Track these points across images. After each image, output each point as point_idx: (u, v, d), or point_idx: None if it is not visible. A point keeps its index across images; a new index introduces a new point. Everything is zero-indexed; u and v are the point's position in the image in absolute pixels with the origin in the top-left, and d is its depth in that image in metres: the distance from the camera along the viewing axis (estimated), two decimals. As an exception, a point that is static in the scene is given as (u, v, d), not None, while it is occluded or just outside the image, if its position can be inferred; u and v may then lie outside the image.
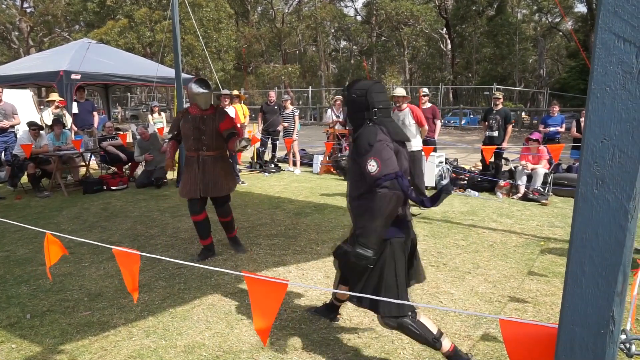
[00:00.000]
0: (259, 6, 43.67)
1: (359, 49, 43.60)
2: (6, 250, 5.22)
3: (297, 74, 37.23)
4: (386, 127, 2.64)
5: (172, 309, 3.69)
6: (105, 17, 33.48)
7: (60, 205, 7.46)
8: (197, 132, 4.62)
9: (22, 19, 38.38)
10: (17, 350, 3.13)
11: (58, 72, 9.64)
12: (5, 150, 8.77)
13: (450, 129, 24.27)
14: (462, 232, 5.71)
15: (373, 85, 2.73)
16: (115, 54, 12.44)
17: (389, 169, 2.46)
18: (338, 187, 8.68)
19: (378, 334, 3.25)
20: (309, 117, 31.66)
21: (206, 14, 30.45)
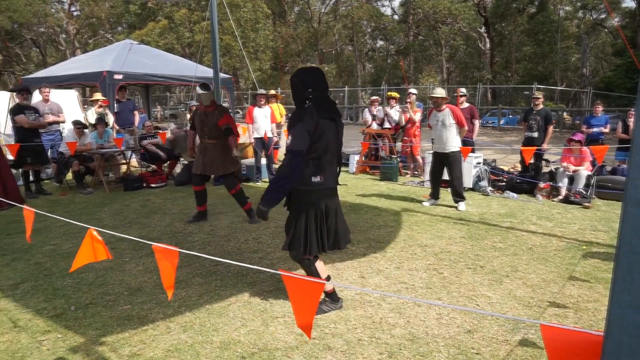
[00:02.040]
0: (295, 6, 43.86)
1: (396, 49, 43.26)
2: (52, 243, 5.41)
3: (333, 73, 37.26)
4: (317, 107, 3.24)
5: (208, 305, 3.75)
6: (147, 19, 34.30)
7: (102, 201, 7.68)
8: (202, 124, 5.96)
9: (69, 22, 39.65)
10: (63, 340, 3.24)
11: (101, 73, 9.92)
12: (52, 147, 9.08)
13: (489, 129, 23.82)
14: (500, 235, 5.60)
15: (309, 71, 3.41)
16: (156, 55, 12.72)
17: (294, 147, 3.14)
18: (374, 187, 8.64)
19: (413, 336, 3.22)
20: (345, 117, 31.61)
21: (244, 15, 30.80)
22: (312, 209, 3.29)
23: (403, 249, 5.09)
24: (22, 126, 7.87)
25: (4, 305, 3.81)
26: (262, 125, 8.98)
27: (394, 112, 10.20)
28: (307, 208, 3.29)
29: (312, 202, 3.29)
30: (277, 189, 3.21)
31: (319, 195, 3.31)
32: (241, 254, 4.98)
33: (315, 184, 3.27)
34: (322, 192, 3.33)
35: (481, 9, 33.66)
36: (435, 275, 4.34)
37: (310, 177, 3.26)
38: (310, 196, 3.28)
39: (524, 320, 2.21)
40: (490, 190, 8.01)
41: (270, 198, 3.23)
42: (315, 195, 3.29)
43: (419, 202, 7.32)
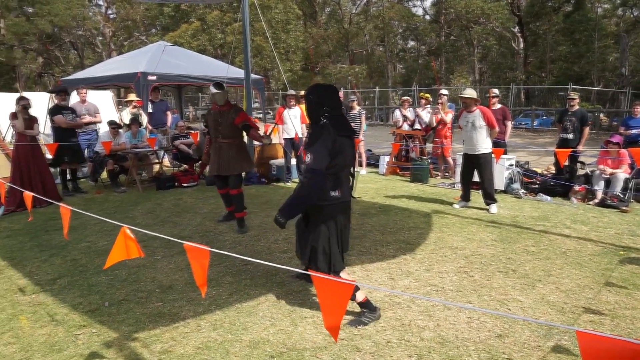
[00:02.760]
0: (326, 7, 43.91)
1: (427, 49, 42.86)
2: (88, 241, 5.55)
3: (364, 74, 37.16)
4: (334, 124, 3.29)
5: (238, 304, 3.78)
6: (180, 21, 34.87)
7: (136, 200, 7.84)
8: (216, 124, 5.84)
9: (106, 25, 40.64)
10: (97, 334, 3.32)
11: (136, 74, 10.12)
12: (88, 147, 9.32)
13: (522, 130, 23.39)
14: (533, 238, 5.49)
15: (325, 89, 3.47)
16: (188, 56, 12.90)
17: (316, 165, 3.17)
18: (404, 189, 8.58)
19: (443, 339, 3.19)
20: (376, 117, 31.50)
21: (275, 16, 31.00)
22: (332, 223, 3.34)
23: (433, 251, 5.04)
24: (60, 126, 8.10)
25: (43, 300, 3.93)
26: (293, 126, 9.03)
27: (425, 113, 10.10)
28: (327, 222, 3.33)
29: (331, 216, 3.34)
30: (298, 205, 3.29)
31: (338, 209, 3.36)
32: (271, 254, 5.02)
33: (333, 199, 3.31)
34: (340, 206, 3.39)
35: (515, 9, 33.00)
36: (465, 278, 4.29)
37: (329, 191, 3.31)
38: (329, 210, 3.33)
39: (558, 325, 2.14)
40: (522, 193, 7.86)
41: (289, 212, 3.29)
42: (334, 209, 3.34)
43: (450, 204, 7.23)
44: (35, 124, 7.50)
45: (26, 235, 5.86)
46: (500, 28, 34.18)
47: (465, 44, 38.25)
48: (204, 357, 3.02)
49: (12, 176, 7.31)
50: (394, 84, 39.63)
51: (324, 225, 3.33)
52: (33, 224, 6.20)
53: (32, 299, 3.96)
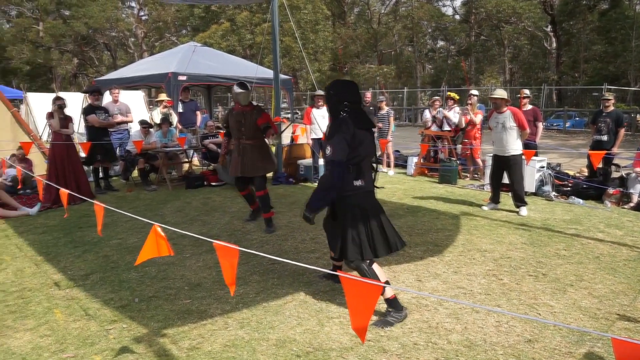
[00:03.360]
0: (355, 7, 43.83)
1: (457, 49, 42.35)
2: (119, 238, 5.67)
3: (392, 74, 36.97)
4: (353, 118, 3.39)
5: (265, 303, 3.81)
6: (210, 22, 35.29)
7: (165, 198, 7.96)
8: (239, 124, 5.79)
9: (138, 26, 41.47)
10: (127, 330, 3.39)
11: (167, 74, 10.28)
12: (120, 146, 9.52)
13: (553, 132, 22.93)
14: (565, 242, 5.37)
15: (345, 85, 3.58)
16: (218, 56, 13.05)
17: (336, 157, 3.29)
18: (432, 190, 8.51)
19: (470, 343, 3.15)
20: (404, 118, 31.31)
21: (304, 16, 31.10)
22: (358, 211, 3.39)
23: (461, 253, 4.98)
24: (93, 125, 8.30)
25: (76, 294, 4.04)
26: (320, 126, 9.04)
27: (452, 114, 9.99)
28: (353, 211, 3.39)
29: (356, 204, 3.40)
30: (322, 198, 3.40)
31: (362, 197, 3.43)
32: (298, 254, 5.04)
33: (357, 187, 3.39)
34: (364, 195, 3.45)
35: (548, 7, 32.34)
36: (494, 281, 4.23)
37: (352, 181, 3.38)
38: (354, 199, 3.40)
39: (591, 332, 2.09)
40: (554, 196, 7.70)
41: (315, 206, 3.41)
42: (358, 197, 3.41)
43: (479, 206, 7.14)
44: (70, 123, 7.69)
45: (61, 231, 6.01)
46: (532, 27, 33.53)
47: (496, 43, 37.66)
48: (230, 354, 3.05)
49: (47, 174, 7.52)
50: (422, 85, 39.31)
51: (350, 214, 3.38)
52: (67, 220, 6.37)
53: (67, 294, 4.06)
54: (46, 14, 39.65)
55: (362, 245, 3.36)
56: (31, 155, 8.25)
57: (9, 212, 6.85)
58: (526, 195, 7.04)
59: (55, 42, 38.07)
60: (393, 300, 3.43)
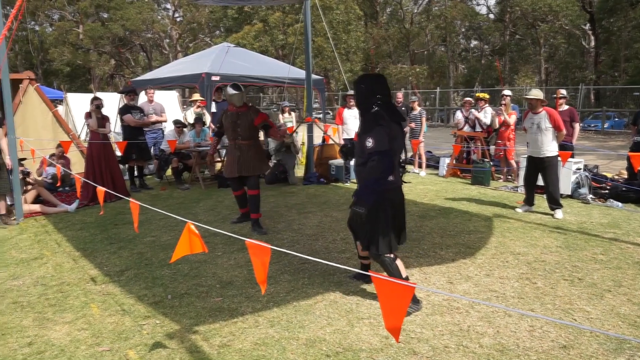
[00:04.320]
0: (388, 7, 43.58)
1: (491, 49, 41.68)
2: (153, 235, 5.78)
3: (424, 74, 36.62)
4: (386, 111, 3.42)
5: (295, 302, 3.83)
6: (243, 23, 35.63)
7: (198, 197, 8.08)
8: (234, 125, 5.81)
9: (173, 28, 42.24)
10: (160, 326, 3.46)
11: (200, 75, 10.44)
12: (154, 145, 9.71)
13: (590, 133, 22.32)
14: (602, 246, 5.22)
15: (375, 78, 3.60)
16: (251, 57, 13.18)
17: (380, 147, 3.29)
18: (464, 191, 8.40)
19: (502, 347, 3.10)
20: (436, 118, 30.99)
21: (336, 17, 31.08)
22: (389, 206, 3.46)
23: (494, 256, 4.90)
24: (129, 125, 8.49)
25: (112, 290, 4.14)
26: (352, 126, 9.03)
27: (483, 114, 9.85)
28: (385, 206, 3.44)
29: (389, 199, 3.45)
30: (374, 190, 3.39)
31: (393, 193, 3.50)
32: (329, 254, 5.04)
33: (390, 183, 3.43)
34: (395, 190, 3.52)
35: (586, 5, 31.46)
36: (528, 285, 4.15)
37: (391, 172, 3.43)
38: (387, 194, 3.44)
39: (631, 339, 2.04)
40: (591, 198, 7.50)
41: (368, 199, 3.40)
42: (390, 193, 3.47)
43: (512, 208, 7.01)
44: (107, 123, 7.89)
45: (97, 228, 6.17)
46: (569, 26, 32.68)
47: (531, 43, 36.90)
48: (261, 352, 3.08)
49: (85, 172, 7.74)
50: (455, 85, 38.83)
51: (381, 209, 3.43)
52: (103, 217, 6.54)
53: (102, 289, 4.17)
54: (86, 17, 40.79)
55: (392, 240, 3.46)
56: (70, 154, 8.49)
57: (49, 209, 7.07)
58: (562, 198, 6.87)
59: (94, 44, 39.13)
60: None
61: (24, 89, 8.57)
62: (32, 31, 39.80)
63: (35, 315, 3.66)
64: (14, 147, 6.52)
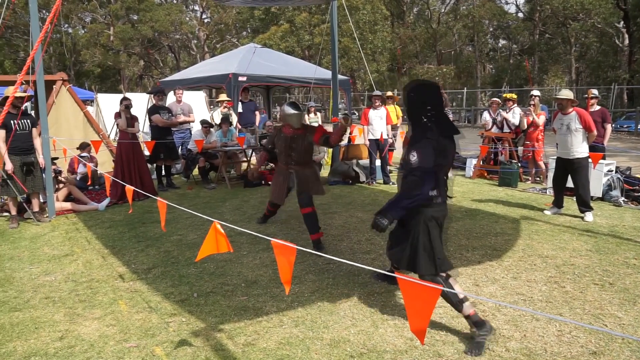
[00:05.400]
0: (415, 7, 43.26)
1: (519, 48, 40.98)
2: (179, 234, 5.86)
3: (451, 74, 36.22)
4: (437, 125, 3.18)
5: (320, 302, 3.83)
6: (269, 23, 35.82)
7: (224, 196, 8.16)
8: (289, 149, 5.26)
9: (201, 29, 42.72)
10: (186, 324, 3.51)
11: (227, 75, 10.53)
12: (182, 145, 9.84)
13: (623, 134, 21.76)
14: (635, 250, 5.09)
15: (427, 87, 3.33)
16: (277, 57, 13.23)
17: (424, 164, 3.08)
18: (491, 193, 8.28)
19: (530, 351, 3.05)
20: (463, 119, 30.65)
21: (362, 17, 30.98)
22: (433, 223, 3.21)
23: (521, 258, 4.83)
24: (157, 125, 8.62)
25: (139, 287, 4.21)
26: (378, 127, 9.00)
27: (511, 115, 9.70)
28: (428, 222, 3.19)
29: (431, 215, 3.21)
30: (406, 205, 3.15)
31: (437, 208, 3.24)
32: (354, 254, 5.04)
33: (432, 197, 3.19)
34: (440, 206, 3.26)
35: (620, 2, 30.65)
36: (556, 288, 4.07)
37: (429, 192, 3.18)
38: (429, 210, 3.20)
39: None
40: (623, 201, 7.32)
41: (395, 213, 3.19)
42: (434, 209, 3.22)
43: (540, 210, 6.89)
44: (136, 123, 8.03)
45: (125, 226, 6.29)
46: (602, 24, 31.88)
47: (562, 42, 36.13)
48: (285, 352, 3.10)
49: (114, 171, 7.89)
50: (483, 85, 38.31)
51: (425, 226, 3.19)
52: (131, 216, 6.66)
53: (130, 286, 4.25)
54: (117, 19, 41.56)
55: (437, 258, 3.18)
56: (99, 153, 8.67)
57: (80, 207, 7.24)
58: (592, 201, 6.73)
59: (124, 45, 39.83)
60: (474, 316, 3.17)
61: (57, 89, 8.79)
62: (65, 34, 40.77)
63: (66, 311, 3.75)
64: (47, 146, 6.70)
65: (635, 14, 30.28)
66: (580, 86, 31.08)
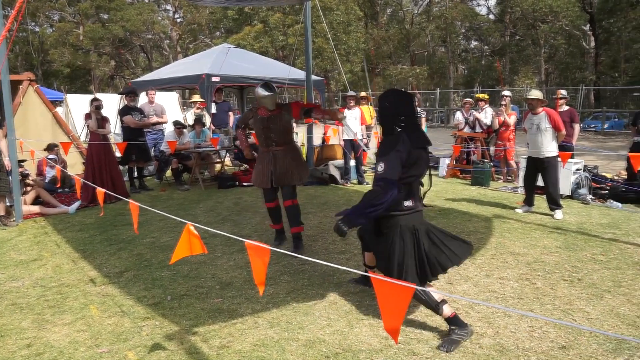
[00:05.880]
0: (388, 8, 43.60)
1: (491, 49, 41.67)
2: (152, 236, 5.78)
3: (424, 75, 36.63)
4: (409, 135, 3.16)
5: (295, 303, 3.83)
6: (243, 23, 35.67)
7: (198, 198, 8.08)
8: (267, 130, 5.14)
9: (173, 29, 42.27)
10: (160, 327, 3.45)
11: (200, 76, 10.44)
12: (154, 146, 9.71)
13: (590, 133, 22.32)
14: (601, 246, 5.22)
15: (401, 96, 3.30)
16: (251, 58, 13.18)
17: (388, 175, 3.05)
18: (464, 192, 8.40)
19: (502, 347, 3.09)
20: (436, 119, 31.01)
21: (336, 17, 31.09)
22: (408, 233, 3.17)
23: (493, 256, 4.90)
24: (129, 126, 8.49)
25: (111, 291, 4.14)
26: (352, 127, 9.03)
27: (483, 115, 9.85)
28: (402, 233, 3.17)
29: (405, 225, 3.18)
30: (365, 214, 3.09)
31: (411, 218, 3.21)
32: (328, 255, 5.04)
33: (407, 208, 3.19)
34: (414, 215, 3.24)
35: (587, 5, 31.45)
36: (527, 285, 4.14)
37: (403, 201, 3.18)
38: (403, 220, 3.19)
39: (630, 340, 2.03)
40: (590, 199, 7.50)
41: (354, 221, 3.14)
42: (408, 219, 3.20)
43: (512, 209, 7.01)
44: (107, 124, 7.89)
45: (96, 229, 6.17)
46: (569, 26, 32.67)
47: (532, 43, 36.89)
48: (260, 354, 3.08)
49: (85, 173, 7.74)
50: (455, 85, 38.84)
51: (399, 236, 3.16)
52: (102, 218, 6.54)
53: (102, 290, 4.17)
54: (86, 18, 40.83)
55: (406, 270, 3.12)
56: (69, 155, 8.49)
57: (49, 210, 7.07)
58: (561, 199, 6.87)
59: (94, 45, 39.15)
60: (454, 318, 3.18)
61: (24, 90, 8.58)
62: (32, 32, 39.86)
63: (34, 317, 3.66)
64: (14, 148, 6.52)
65: (601, 18, 31.13)
66: (549, 87, 31.76)
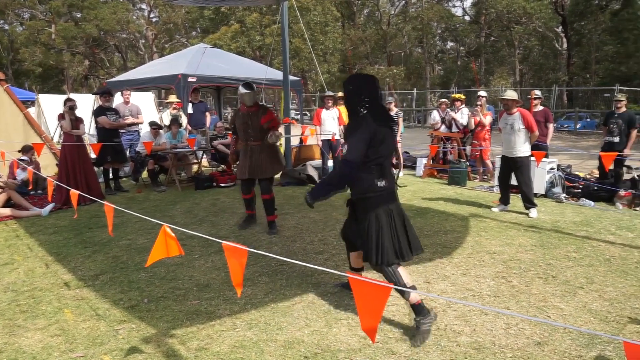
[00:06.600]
0: (365, 8, 43.78)
1: (467, 50, 42.22)
2: (128, 238, 5.70)
3: (401, 75, 36.87)
4: (374, 115, 3.27)
5: (273, 304, 3.81)
6: (219, 23, 35.43)
7: (175, 199, 8.00)
8: (245, 126, 5.74)
9: (149, 28, 41.73)
10: (137, 330, 3.41)
11: (177, 76, 10.33)
12: (130, 147, 9.57)
13: (564, 133, 22.75)
14: (575, 244, 5.33)
15: (364, 79, 3.44)
16: (228, 58, 13.09)
17: (350, 156, 3.20)
18: (441, 191, 8.48)
19: (479, 345, 3.13)
20: (413, 119, 31.25)
21: (313, 18, 31.11)
22: (383, 214, 3.24)
23: (470, 255, 4.96)
24: (104, 127, 8.35)
25: (86, 295, 4.06)
26: (330, 127, 9.04)
27: (459, 115, 9.97)
28: (378, 213, 3.24)
29: (381, 206, 3.25)
30: (325, 190, 3.35)
31: (386, 199, 3.29)
32: (306, 255, 5.04)
33: (381, 189, 3.26)
34: (388, 195, 3.31)
35: (559, 8, 32.08)
36: (503, 283, 4.20)
37: (376, 182, 3.25)
38: (379, 200, 3.26)
39: (602, 335, 2.08)
40: (564, 197, 7.65)
41: (316, 194, 3.36)
42: (382, 199, 3.27)
43: (488, 208, 7.11)
44: (81, 125, 7.75)
45: (71, 232, 6.06)
46: (542, 28, 33.30)
47: (506, 44, 37.48)
48: (239, 355, 3.06)
49: (58, 174, 7.59)
50: (432, 86, 39.22)
51: (374, 216, 3.24)
52: (77, 221, 6.42)
53: (76, 294, 4.09)
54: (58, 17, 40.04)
55: (385, 250, 3.20)
56: (42, 157, 8.32)
57: (21, 213, 6.91)
58: (536, 197, 6.99)
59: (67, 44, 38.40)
60: (418, 306, 3.25)
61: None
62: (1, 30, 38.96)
63: (6, 323, 3.57)
64: (-16, 149, 6.37)
65: (572, 20, 31.80)
66: (524, 87, 32.31)
